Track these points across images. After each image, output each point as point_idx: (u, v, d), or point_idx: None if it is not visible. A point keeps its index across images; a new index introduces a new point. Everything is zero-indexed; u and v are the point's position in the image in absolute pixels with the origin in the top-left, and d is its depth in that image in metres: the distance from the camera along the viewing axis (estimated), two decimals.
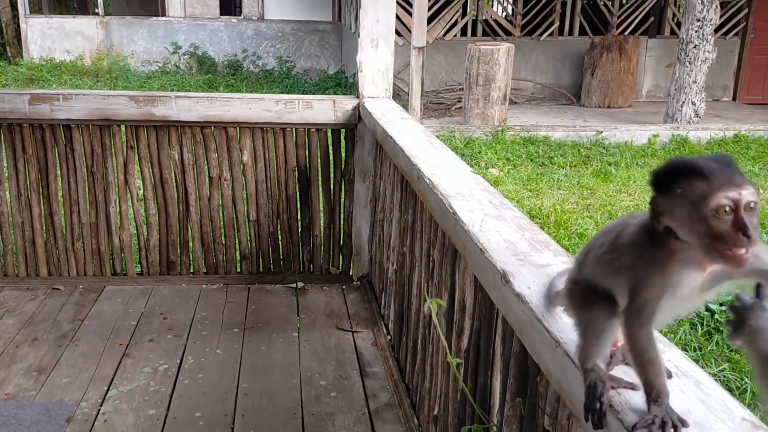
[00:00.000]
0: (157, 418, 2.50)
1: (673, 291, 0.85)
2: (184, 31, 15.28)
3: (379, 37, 3.36)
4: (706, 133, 9.60)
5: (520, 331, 1.25)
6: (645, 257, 0.86)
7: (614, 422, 0.86)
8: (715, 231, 0.77)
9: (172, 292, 3.55)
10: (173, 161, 3.52)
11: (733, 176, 0.77)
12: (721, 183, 0.77)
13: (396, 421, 2.54)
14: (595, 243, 0.98)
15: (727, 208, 0.76)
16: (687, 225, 0.80)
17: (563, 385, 1.04)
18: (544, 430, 1.27)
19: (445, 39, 12.02)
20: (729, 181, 0.77)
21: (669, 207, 0.81)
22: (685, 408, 0.86)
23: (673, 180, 0.80)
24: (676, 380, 0.92)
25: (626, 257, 0.89)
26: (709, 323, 4.00)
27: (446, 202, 1.78)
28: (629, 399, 0.88)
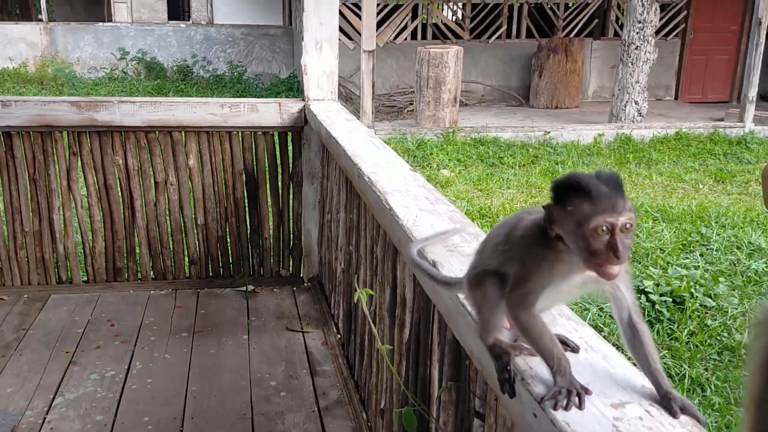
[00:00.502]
0: (105, 423, 2.48)
1: (554, 286, 0.95)
2: (132, 36, 15.04)
3: (323, 40, 3.40)
4: (649, 131, 9.90)
5: (448, 317, 1.30)
6: (535, 252, 0.95)
7: (525, 394, 0.91)
8: (593, 248, 0.87)
9: (120, 298, 3.52)
10: (117, 167, 3.48)
11: (616, 202, 0.87)
12: (603, 207, 0.86)
13: (346, 417, 2.57)
14: (493, 234, 1.07)
15: (604, 228, 0.86)
16: (572, 238, 0.89)
17: (484, 365, 1.09)
18: (475, 412, 1.33)
19: (396, 42, 12.12)
20: (611, 207, 0.86)
21: (561, 218, 0.91)
22: (592, 379, 0.92)
23: (568, 195, 0.89)
24: (585, 354, 0.98)
25: (517, 249, 0.98)
26: (650, 314, 4.14)
27: (383, 198, 1.82)
28: (539, 372, 0.94)
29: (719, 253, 5.31)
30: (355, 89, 11.29)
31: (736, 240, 5.58)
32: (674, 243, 5.47)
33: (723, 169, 8.37)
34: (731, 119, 10.50)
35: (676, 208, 6.46)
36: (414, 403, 1.65)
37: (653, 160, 8.80)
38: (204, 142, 3.51)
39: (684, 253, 5.32)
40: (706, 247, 5.43)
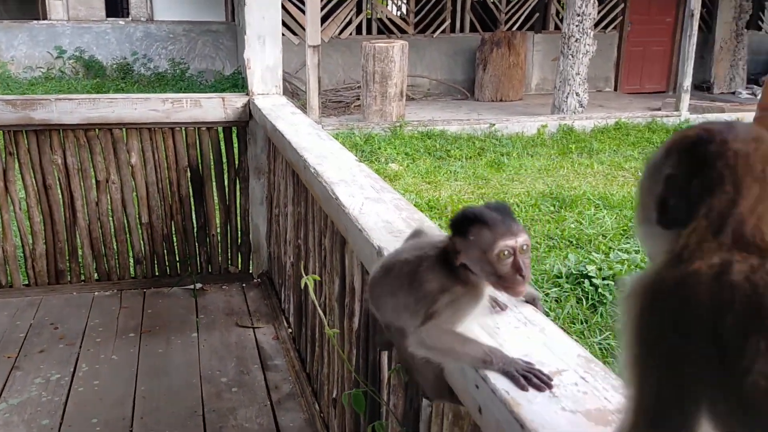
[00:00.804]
0: (51, 427, 2.42)
1: (464, 313, 1.00)
2: (68, 34, 14.59)
3: (266, 35, 3.38)
4: (590, 122, 10.15)
5: None
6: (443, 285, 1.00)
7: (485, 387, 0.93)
8: (499, 272, 0.95)
9: (63, 301, 3.43)
10: (56, 166, 3.39)
11: (511, 226, 0.96)
12: (502, 233, 0.95)
13: (298, 409, 2.57)
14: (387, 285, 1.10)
15: (507, 252, 0.94)
16: (478, 265, 0.97)
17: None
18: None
19: (341, 38, 12.10)
20: (508, 231, 0.95)
21: (464, 248, 0.98)
22: (530, 350, 0.95)
23: (467, 227, 0.97)
24: (524, 328, 1.02)
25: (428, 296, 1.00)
26: (593, 297, 4.27)
27: (330, 189, 1.83)
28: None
29: None
30: (301, 85, 11.23)
31: None
32: (615, 229, 5.63)
33: None
34: (668, 108, 10.85)
35: (617, 195, 6.66)
36: (373, 393, 1.67)
37: (594, 149, 9.03)
38: (146, 138, 3.45)
39: (625, 238, 5.48)
40: None
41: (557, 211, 6.20)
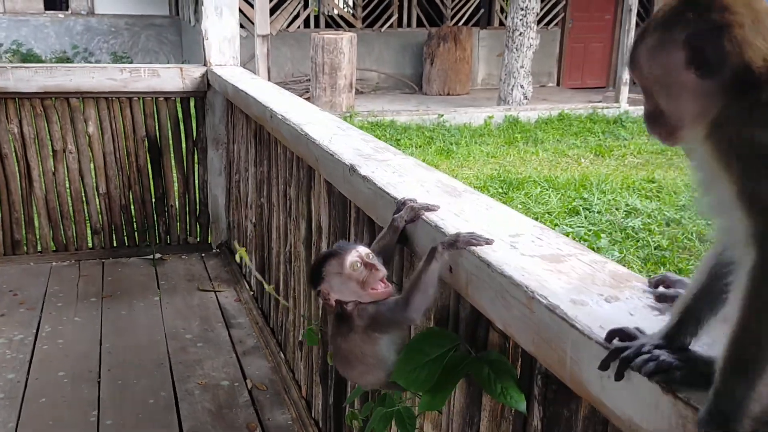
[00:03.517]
0: (18, 381, 2.45)
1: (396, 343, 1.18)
2: (5, 27, 14.17)
3: (222, 5, 3.45)
4: (535, 113, 10.46)
5: (367, 207, 1.44)
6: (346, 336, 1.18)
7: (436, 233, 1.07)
8: (360, 279, 1.11)
9: (20, 271, 3.42)
10: (12, 135, 3.38)
11: (349, 247, 1.14)
12: (345, 252, 1.13)
13: (264, 358, 2.66)
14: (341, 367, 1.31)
15: (357, 263, 1.11)
16: (343, 289, 1.13)
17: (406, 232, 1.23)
18: None
19: (289, 30, 12.13)
20: (348, 249, 1.13)
21: (327, 287, 1.15)
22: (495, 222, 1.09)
23: (320, 271, 1.15)
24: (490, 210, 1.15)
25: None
26: None
27: (299, 128, 1.94)
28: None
29: (600, 215, 5.76)
30: None
31: (615, 203, 6.06)
32: (560, 207, 5.88)
33: (602, 144, 9.00)
34: (609, 101, 11.27)
35: (561, 177, 6.92)
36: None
37: (539, 138, 9.33)
38: (103, 108, 3.47)
39: (569, 216, 5.73)
40: (588, 210, 5.88)
41: (505, 193, 6.42)
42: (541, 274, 0.89)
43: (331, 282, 1.14)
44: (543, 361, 0.86)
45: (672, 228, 5.38)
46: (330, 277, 1.14)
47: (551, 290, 0.84)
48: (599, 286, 0.85)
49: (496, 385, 1.02)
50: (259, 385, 2.51)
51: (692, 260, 4.73)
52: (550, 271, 0.90)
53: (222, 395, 2.44)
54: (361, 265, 1.11)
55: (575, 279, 0.88)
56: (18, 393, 2.39)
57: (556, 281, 0.87)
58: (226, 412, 2.35)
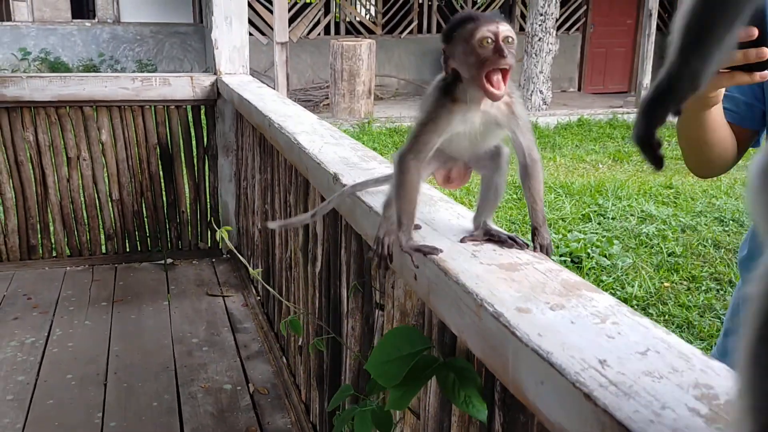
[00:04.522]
0: (27, 383, 2.52)
1: (455, 129, 1.05)
2: (33, 36, 14.49)
3: (232, 15, 3.51)
4: (554, 118, 10.43)
5: (347, 215, 1.47)
6: (437, 100, 1.06)
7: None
8: (482, 57, 0.97)
9: (35, 275, 3.51)
10: (28, 143, 3.48)
11: (494, 18, 0.99)
12: (484, 21, 0.98)
13: (267, 363, 2.70)
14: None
15: (490, 39, 0.97)
16: (463, 59, 1.00)
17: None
18: (377, 304, 1.50)
19: (309, 38, 12.23)
20: (491, 20, 0.98)
21: (451, 50, 1.02)
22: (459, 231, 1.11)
23: (454, 29, 1.02)
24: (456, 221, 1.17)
25: (425, 101, 1.09)
26: None
27: (292, 138, 1.98)
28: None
29: (615, 221, 5.73)
30: (269, 83, 11.32)
31: (630, 209, 6.02)
32: (574, 213, 5.86)
33: (621, 150, 8.93)
34: (629, 106, 11.18)
35: (577, 183, 6.89)
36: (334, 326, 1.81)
37: (557, 144, 9.29)
38: (116, 116, 3.54)
39: (583, 221, 5.70)
40: (603, 216, 5.84)
41: (520, 198, 6.41)
42: (494, 282, 0.91)
43: (456, 46, 1.00)
44: (490, 367, 0.88)
45: (687, 234, 5.33)
46: (457, 41, 1.00)
47: (499, 298, 0.86)
48: (548, 295, 0.87)
49: (459, 393, 1.04)
50: (260, 389, 2.55)
51: (705, 267, 4.68)
52: (504, 279, 0.92)
53: (224, 399, 2.48)
54: (492, 42, 0.96)
55: (526, 287, 0.89)
56: (27, 395, 2.45)
57: (506, 289, 0.89)
58: (228, 416, 2.39)
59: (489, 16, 0.99)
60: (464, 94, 1.04)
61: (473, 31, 0.97)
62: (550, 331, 0.77)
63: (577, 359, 0.71)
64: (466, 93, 1.03)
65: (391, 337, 1.16)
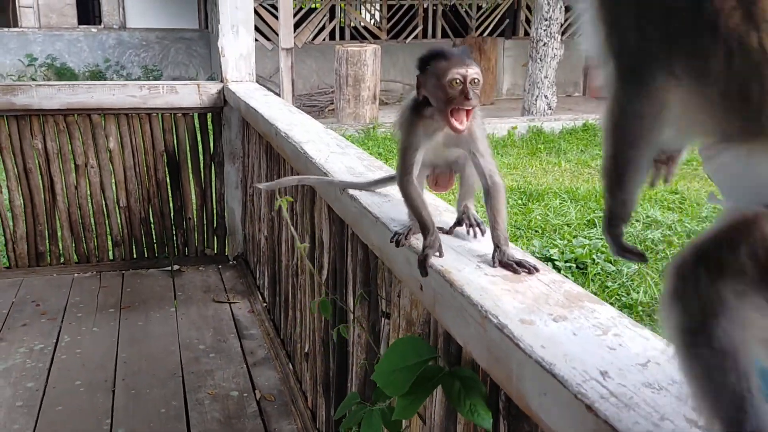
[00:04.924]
0: (36, 389, 2.54)
1: (424, 145, 1.19)
2: (40, 42, 14.58)
3: (239, 24, 3.54)
4: (559, 123, 10.43)
5: (354, 225, 1.49)
6: (409, 121, 1.20)
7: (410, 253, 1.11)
8: (449, 96, 1.09)
9: (43, 282, 3.54)
10: (36, 151, 3.51)
11: (465, 60, 1.10)
12: (456, 63, 1.10)
13: (273, 369, 2.72)
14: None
15: (458, 80, 1.09)
16: (433, 92, 1.12)
17: (383, 250, 1.28)
18: (383, 313, 1.52)
19: (315, 43, 12.28)
20: (461, 63, 1.10)
21: (425, 80, 1.14)
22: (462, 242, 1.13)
23: (429, 62, 1.14)
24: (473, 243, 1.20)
25: (399, 122, 1.24)
26: None
27: (299, 147, 2.00)
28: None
29: None
30: (275, 88, 11.37)
31: (635, 214, 6.01)
32: (579, 219, 5.86)
33: None
34: None
35: (582, 189, 6.90)
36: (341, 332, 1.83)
37: (562, 149, 9.29)
38: (124, 124, 3.58)
39: (588, 227, 5.71)
40: None
41: (525, 204, 6.42)
42: (498, 293, 0.93)
43: (428, 78, 1.13)
44: (495, 377, 0.90)
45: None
46: (430, 75, 1.12)
47: (504, 310, 0.88)
48: (551, 306, 0.89)
49: (465, 402, 1.06)
50: (267, 395, 2.57)
51: None
52: (508, 291, 0.94)
53: (231, 405, 2.50)
54: (460, 84, 1.09)
55: (530, 299, 0.91)
56: (36, 401, 2.48)
57: (510, 301, 0.91)
58: (235, 422, 2.40)
59: (460, 57, 1.11)
60: (431, 115, 1.17)
61: (445, 71, 1.09)
62: (552, 342, 0.79)
63: (579, 371, 0.73)
64: (432, 114, 1.16)
65: (398, 346, 1.18)
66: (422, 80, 1.14)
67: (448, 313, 1.00)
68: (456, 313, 0.96)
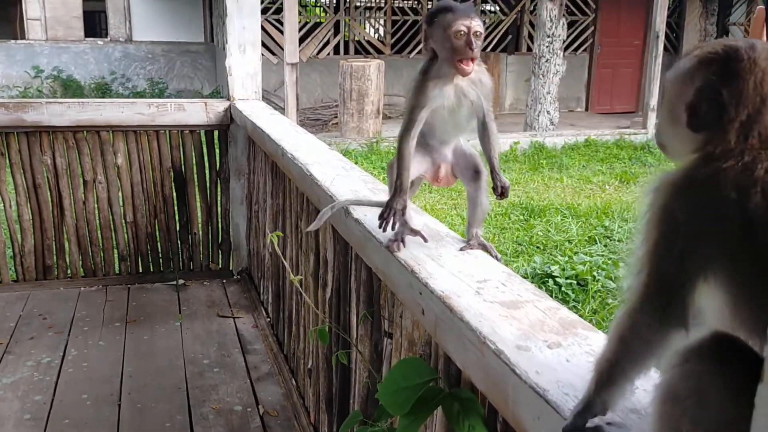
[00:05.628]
0: (44, 402, 2.58)
1: (432, 99, 1.28)
2: (47, 54, 14.71)
3: (246, 43, 3.61)
4: (561, 139, 10.49)
5: (358, 247, 1.54)
6: (418, 81, 1.30)
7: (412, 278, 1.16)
8: (455, 46, 1.21)
9: (50, 295, 3.59)
10: (46, 166, 3.57)
11: (470, 14, 1.22)
12: (460, 15, 1.21)
13: (276, 384, 2.76)
14: None
15: (463, 32, 1.20)
16: (440, 42, 1.23)
17: (387, 274, 1.33)
18: (386, 332, 1.57)
19: (319, 57, 12.39)
20: (465, 15, 1.21)
21: (432, 32, 1.26)
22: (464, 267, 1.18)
23: (437, 15, 1.24)
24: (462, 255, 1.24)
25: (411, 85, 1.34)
26: (557, 295, 4.50)
27: (305, 169, 2.05)
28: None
29: (621, 243, 5.77)
30: (279, 102, 11.46)
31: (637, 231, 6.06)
32: (581, 235, 5.90)
33: (628, 171, 8.98)
34: (636, 126, 11.25)
35: (583, 205, 6.94)
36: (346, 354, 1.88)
37: (564, 164, 9.35)
38: (132, 140, 3.64)
39: (589, 243, 5.75)
40: (609, 239, 5.89)
41: (526, 220, 6.46)
42: (495, 320, 0.98)
43: (435, 30, 1.23)
44: (492, 401, 0.94)
45: None
46: (437, 26, 1.23)
47: (501, 336, 0.92)
48: (546, 333, 0.93)
49: (464, 423, 1.10)
50: (270, 410, 2.60)
51: None
52: (505, 317, 0.98)
53: (235, 420, 2.54)
54: (465, 35, 1.19)
55: (526, 325, 0.96)
56: (44, 414, 2.52)
57: (507, 327, 0.95)
58: None
59: (465, 11, 1.22)
60: (439, 72, 1.27)
61: (451, 23, 1.20)
62: (547, 368, 0.83)
63: (571, 396, 0.77)
64: (440, 70, 1.26)
65: (401, 367, 1.22)
66: (429, 32, 1.25)
67: (448, 337, 1.05)
68: (456, 337, 1.01)
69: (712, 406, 0.61)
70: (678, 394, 0.63)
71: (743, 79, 0.71)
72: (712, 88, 0.72)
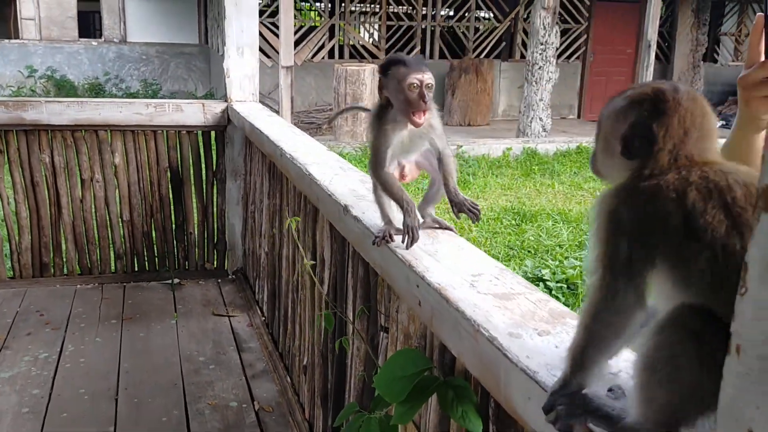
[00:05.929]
0: (42, 396, 2.62)
1: (391, 141, 1.38)
2: (40, 54, 14.71)
3: (244, 45, 3.66)
4: (553, 145, 10.59)
5: (356, 244, 1.59)
6: (377, 124, 1.40)
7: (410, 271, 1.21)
8: (409, 98, 1.29)
9: (47, 292, 3.62)
10: (44, 165, 3.61)
11: (421, 66, 1.30)
12: (412, 69, 1.29)
13: (271, 382, 2.81)
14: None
15: (415, 85, 1.28)
16: (394, 94, 1.32)
17: (385, 268, 1.38)
18: (382, 327, 1.62)
19: (314, 61, 12.45)
20: (418, 69, 1.30)
21: (387, 83, 1.34)
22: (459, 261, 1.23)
23: (391, 67, 1.33)
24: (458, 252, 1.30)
25: (370, 126, 1.44)
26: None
27: (304, 168, 2.10)
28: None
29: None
30: (274, 105, 11.50)
31: None
32: (571, 240, 5.98)
33: None
34: None
35: (574, 210, 7.02)
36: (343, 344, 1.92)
37: (556, 171, 9.43)
38: (129, 140, 3.68)
39: (580, 249, 5.82)
40: None
41: (518, 225, 6.53)
42: (489, 310, 1.03)
43: (390, 82, 1.32)
44: (485, 384, 0.99)
45: None
46: (391, 77, 1.31)
47: (494, 324, 0.98)
48: (536, 322, 0.99)
49: (457, 409, 1.16)
50: (265, 407, 2.65)
51: None
52: (498, 308, 1.04)
53: (230, 416, 2.58)
54: (418, 87, 1.28)
55: (518, 315, 1.02)
56: (42, 408, 2.55)
57: (500, 316, 1.01)
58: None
59: (416, 65, 1.31)
60: (395, 118, 1.37)
61: (405, 76, 1.29)
62: (537, 353, 0.89)
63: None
64: (396, 117, 1.36)
65: (397, 358, 1.27)
66: (384, 82, 1.34)
67: (444, 326, 1.10)
68: (452, 327, 1.06)
69: (685, 374, 0.67)
70: (654, 364, 0.69)
71: (669, 116, 0.82)
72: (644, 123, 0.83)
